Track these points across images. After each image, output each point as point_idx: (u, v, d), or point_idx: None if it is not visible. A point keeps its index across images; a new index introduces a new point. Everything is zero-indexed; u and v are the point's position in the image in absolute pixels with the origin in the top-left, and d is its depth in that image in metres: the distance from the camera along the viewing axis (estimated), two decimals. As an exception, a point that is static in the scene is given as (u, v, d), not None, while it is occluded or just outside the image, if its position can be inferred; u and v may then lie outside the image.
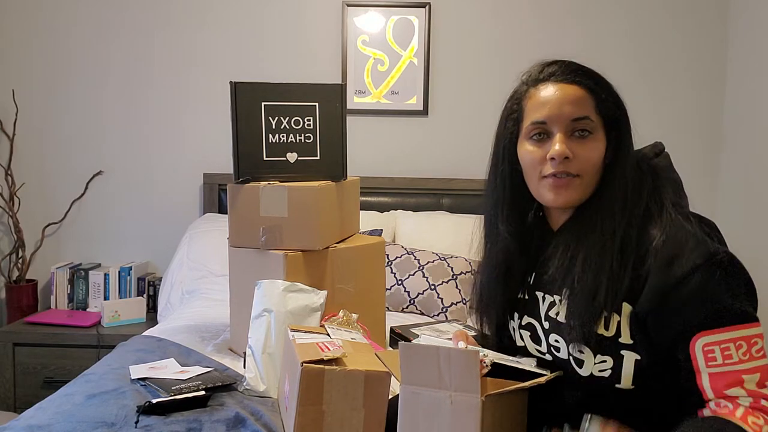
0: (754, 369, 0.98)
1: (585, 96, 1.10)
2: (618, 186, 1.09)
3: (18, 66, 3.03)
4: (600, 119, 1.10)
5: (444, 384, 0.98)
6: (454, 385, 0.97)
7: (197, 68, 3.03)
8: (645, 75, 2.99)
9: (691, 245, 1.01)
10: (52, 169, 3.07)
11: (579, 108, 1.09)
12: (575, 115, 1.08)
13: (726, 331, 0.98)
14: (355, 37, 3.00)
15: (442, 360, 0.97)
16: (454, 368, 0.97)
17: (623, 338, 1.04)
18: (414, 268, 2.42)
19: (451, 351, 0.98)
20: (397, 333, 1.98)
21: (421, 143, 3.06)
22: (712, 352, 0.99)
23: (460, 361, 0.96)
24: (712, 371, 0.99)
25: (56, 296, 2.91)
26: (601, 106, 1.10)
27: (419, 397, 1.00)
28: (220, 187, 3.03)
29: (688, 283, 0.99)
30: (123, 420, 1.36)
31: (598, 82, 1.12)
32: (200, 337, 1.95)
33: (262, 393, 1.53)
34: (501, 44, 3.00)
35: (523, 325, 1.20)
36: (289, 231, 1.74)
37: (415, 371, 1.00)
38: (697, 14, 2.98)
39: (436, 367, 0.98)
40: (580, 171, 1.08)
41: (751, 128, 2.78)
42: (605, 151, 1.11)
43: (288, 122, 1.80)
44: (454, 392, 0.97)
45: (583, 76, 1.12)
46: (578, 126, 1.08)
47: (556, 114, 1.09)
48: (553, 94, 1.10)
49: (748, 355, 0.98)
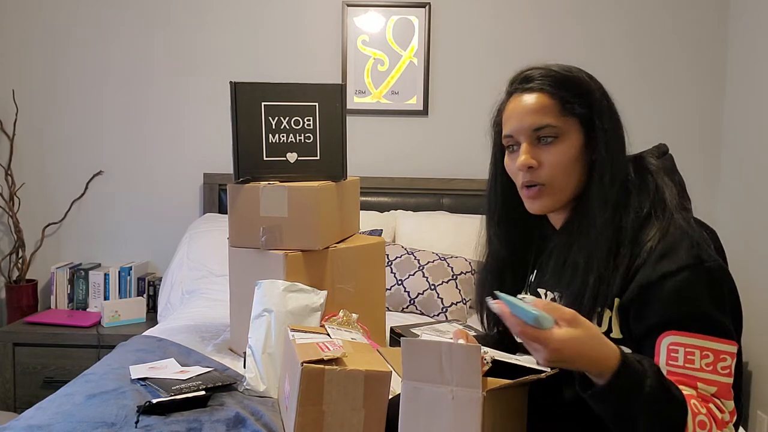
0: (713, 382, 0.99)
1: (546, 102, 1.12)
2: (603, 183, 1.10)
3: (18, 66, 3.03)
4: (570, 121, 1.11)
5: (445, 379, 0.98)
6: (455, 380, 0.97)
7: (197, 68, 3.03)
8: (645, 75, 2.99)
9: (684, 246, 1.02)
10: (52, 169, 3.07)
11: (539, 117, 1.11)
12: (536, 125, 1.11)
13: (695, 337, 0.99)
14: (355, 37, 3.00)
15: (444, 355, 0.98)
16: (455, 363, 0.97)
17: (614, 333, 1.05)
18: (414, 268, 2.42)
19: (452, 346, 0.98)
20: (397, 333, 1.98)
21: (421, 143, 3.06)
22: (676, 352, 0.99)
23: (461, 355, 0.96)
24: (670, 369, 0.99)
25: (56, 296, 2.91)
26: (567, 108, 1.11)
27: (420, 393, 1.00)
28: (220, 187, 3.03)
29: (671, 280, 1.00)
30: (123, 420, 1.36)
31: (563, 85, 1.13)
32: (200, 337, 1.96)
33: (262, 393, 1.53)
34: (501, 44, 3.00)
35: None
36: (289, 231, 1.74)
37: (417, 366, 1.00)
38: (697, 14, 2.98)
39: (437, 362, 0.98)
40: (547, 179, 1.11)
41: (751, 128, 2.78)
42: (586, 149, 1.12)
43: (288, 122, 1.80)
44: (455, 387, 0.98)
45: (547, 81, 1.13)
46: (541, 134, 1.11)
47: (519, 126, 1.13)
48: (516, 107, 1.14)
49: (711, 367, 0.98)
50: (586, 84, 1.14)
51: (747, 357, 2.66)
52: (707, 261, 1.01)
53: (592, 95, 1.13)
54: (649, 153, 1.19)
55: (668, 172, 1.16)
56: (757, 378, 2.64)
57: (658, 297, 1.00)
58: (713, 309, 1.00)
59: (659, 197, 1.10)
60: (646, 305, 1.02)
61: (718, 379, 0.98)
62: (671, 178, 1.15)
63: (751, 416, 2.66)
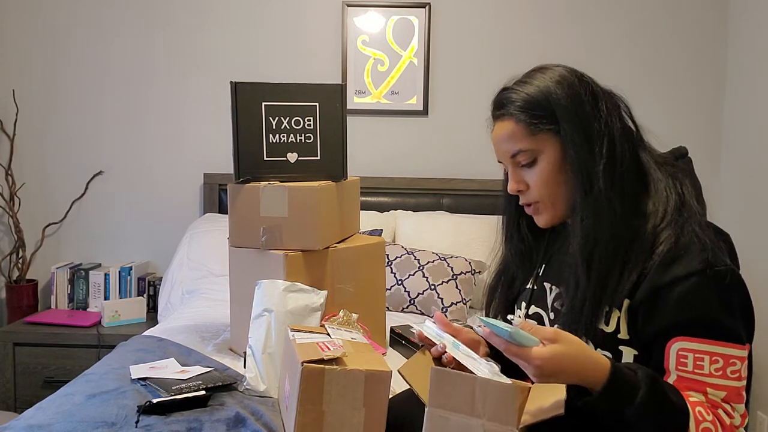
0: (722, 387, 0.99)
1: (513, 128, 1.13)
2: (604, 176, 1.07)
3: (18, 66, 3.03)
4: (545, 135, 1.11)
5: (477, 412, 0.98)
6: (488, 414, 0.97)
7: (197, 68, 3.04)
8: (645, 75, 2.99)
9: (695, 250, 1.01)
10: (52, 169, 3.07)
11: (511, 144, 1.14)
12: (510, 152, 1.15)
13: (705, 342, 0.99)
14: (355, 37, 3.00)
15: (478, 389, 0.98)
16: (489, 398, 0.97)
17: (621, 334, 1.05)
18: (414, 268, 2.42)
19: (489, 382, 0.98)
20: (397, 333, 1.98)
21: (421, 143, 3.06)
22: (685, 357, 1.00)
23: (496, 391, 0.97)
24: (680, 374, 1.00)
25: (56, 296, 2.91)
26: (533, 127, 1.11)
27: (448, 423, 1.00)
28: (220, 187, 3.03)
29: (681, 285, 1.00)
30: (123, 420, 1.36)
31: (527, 105, 1.11)
32: (200, 337, 1.96)
33: (262, 393, 1.53)
34: (501, 44, 3.00)
35: (530, 314, 1.22)
36: (289, 231, 1.74)
37: (446, 395, 1.00)
38: (697, 14, 2.98)
39: (470, 395, 0.98)
40: (537, 197, 1.15)
41: (751, 128, 2.78)
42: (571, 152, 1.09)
43: (288, 122, 1.80)
44: (487, 421, 0.98)
45: (513, 106, 1.13)
46: (517, 159, 1.14)
47: (500, 154, 1.18)
48: (494, 137, 1.18)
49: (721, 371, 0.99)
50: (553, 97, 1.10)
51: (747, 357, 2.66)
52: (718, 266, 1.00)
53: (558, 107, 1.10)
54: (669, 155, 1.18)
55: (688, 175, 1.16)
56: (757, 378, 2.63)
57: (667, 301, 1.01)
58: (723, 314, 1.00)
59: (676, 202, 1.08)
60: (655, 309, 1.02)
61: (728, 383, 0.99)
62: (690, 182, 1.14)
63: (751, 416, 2.66)
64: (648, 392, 0.94)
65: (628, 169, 1.10)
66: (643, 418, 0.94)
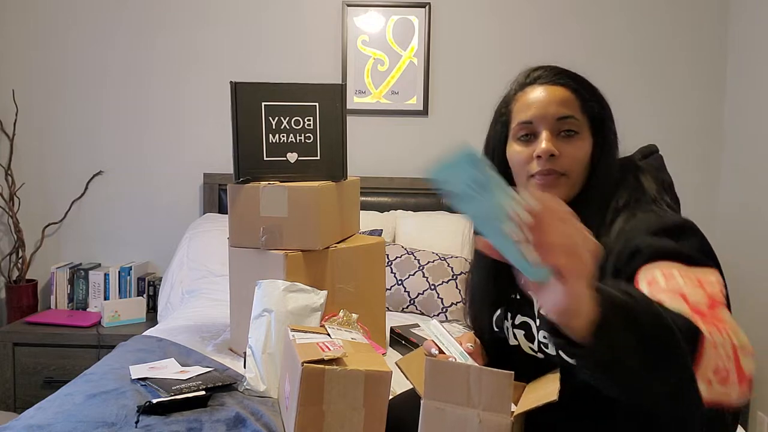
0: (702, 295, 0.87)
1: (570, 97, 1.13)
2: (603, 185, 1.11)
3: (18, 66, 3.03)
4: (585, 119, 1.13)
5: (472, 402, 0.98)
6: (483, 404, 0.98)
7: (197, 68, 3.04)
8: (645, 75, 2.99)
9: (651, 222, 1.01)
10: (52, 169, 3.07)
11: (564, 107, 1.11)
12: (560, 114, 1.11)
13: (671, 263, 0.92)
14: (355, 37, 3.00)
15: (473, 378, 0.98)
16: (484, 387, 0.97)
17: None
18: (414, 268, 2.42)
19: (482, 370, 0.99)
20: (397, 333, 1.98)
21: (421, 143, 3.06)
22: (653, 277, 0.91)
23: (491, 381, 0.97)
24: (653, 293, 0.87)
25: (56, 296, 2.91)
26: (585, 106, 1.13)
27: (444, 414, 1.00)
28: (220, 187, 3.03)
29: (637, 240, 0.98)
30: (123, 420, 1.36)
31: (582, 84, 1.15)
32: (200, 337, 1.96)
33: (262, 393, 1.53)
34: (501, 44, 3.00)
35: (517, 324, 1.20)
36: (289, 231, 1.74)
37: (442, 387, 1.00)
38: (697, 14, 2.98)
39: (465, 385, 0.98)
40: (566, 169, 1.10)
41: (751, 128, 2.78)
42: (592, 151, 1.13)
43: (288, 122, 1.80)
44: (482, 411, 0.98)
45: (568, 78, 1.15)
46: (564, 125, 1.11)
47: (542, 114, 1.11)
48: (539, 96, 1.13)
49: (695, 282, 0.89)
50: (599, 90, 1.16)
51: (747, 357, 2.65)
52: (673, 220, 1.01)
53: (604, 101, 1.16)
54: (636, 154, 1.21)
55: (653, 171, 1.17)
56: (757, 378, 2.64)
57: (626, 258, 0.98)
58: (684, 248, 0.95)
59: (637, 193, 1.11)
60: (617, 274, 0.99)
61: (707, 291, 0.88)
62: (655, 176, 1.16)
63: (751, 416, 2.66)
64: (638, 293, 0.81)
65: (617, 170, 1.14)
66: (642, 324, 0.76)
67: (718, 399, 0.79)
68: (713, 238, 1.06)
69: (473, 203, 0.71)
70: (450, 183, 0.70)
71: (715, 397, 0.79)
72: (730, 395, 0.80)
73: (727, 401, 0.80)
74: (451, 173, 0.70)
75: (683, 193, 1.22)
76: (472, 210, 0.71)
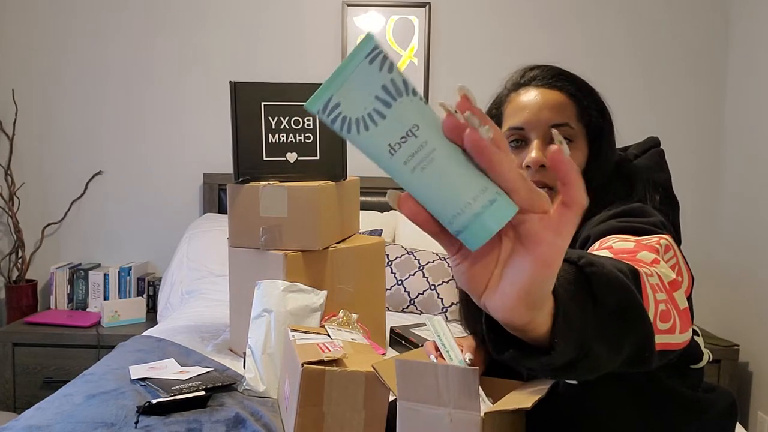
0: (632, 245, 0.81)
1: (566, 102, 1.05)
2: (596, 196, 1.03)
3: (18, 66, 3.03)
4: (582, 128, 1.06)
5: (443, 401, 0.97)
6: (452, 402, 0.96)
7: (197, 68, 3.03)
8: (646, 75, 2.99)
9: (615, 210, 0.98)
10: (52, 169, 3.07)
11: (558, 114, 1.04)
12: (554, 121, 1.03)
13: (624, 235, 0.88)
14: (355, 37, 3.00)
15: (441, 377, 0.96)
16: (452, 385, 0.96)
17: None
18: (414, 268, 2.42)
19: (449, 368, 0.97)
20: (397, 333, 1.98)
21: (421, 143, 3.05)
22: (607, 242, 0.86)
23: (458, 378, 0.95)
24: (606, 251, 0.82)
25: (56, 296, 2.91)
26: (583, 113, 1.06)
27: (418, 414, 0.99)
28: (220, 187, 3.03)
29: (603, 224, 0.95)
30: (123, 420, 1.36)
31: (581, 89, 1.07)
32: (200, 337, 1.95)
33: (262, 393, 1.52)
34: (501, 44, 3.00)
35: None
36: (289, 231, 1.74)
37: (413, 387, 0.98)
38: (697, 14, 2.98)
39: (434, 384, 0.97)
40: (555, 183, 1.01)
41: (752, 127, 2.78)
42: (587, 161, 1.05)
43: (288, 122, 1.80)
44: (453, 410, 0.96)
45: (566, 81, 1.07)
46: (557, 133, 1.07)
47: (534, 119, 1.04)
48: (532, 99, 1.05)
49: (647, 242, 0.83)
50: (599, 96, 1.09)
51: (747, 357, 2.66)
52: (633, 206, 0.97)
53: (604, 108, 1.08)
54: (632, 150, 1.15)
55: (647, 171, 1.10)
56: (757, 378, 2.64)
57: (581, 244, 0.95)
58: (636, 222, 0.91)
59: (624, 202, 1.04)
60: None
61: (636, 244, 0.82)
62: (649, 177, 1.09)
63: (751, 417, 2.66)
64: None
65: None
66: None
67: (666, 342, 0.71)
68: (715, 234, 1.06)
69: (382, 130, 0.46)
70: (346, 102, 0.46)
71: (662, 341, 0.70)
72: (675, 336, 0.72)
73: (674, 343, 0.72)
74: (347, 87, 0.46)
75: (684, 192, 1.20)
76: (380, 141, 0.47)
